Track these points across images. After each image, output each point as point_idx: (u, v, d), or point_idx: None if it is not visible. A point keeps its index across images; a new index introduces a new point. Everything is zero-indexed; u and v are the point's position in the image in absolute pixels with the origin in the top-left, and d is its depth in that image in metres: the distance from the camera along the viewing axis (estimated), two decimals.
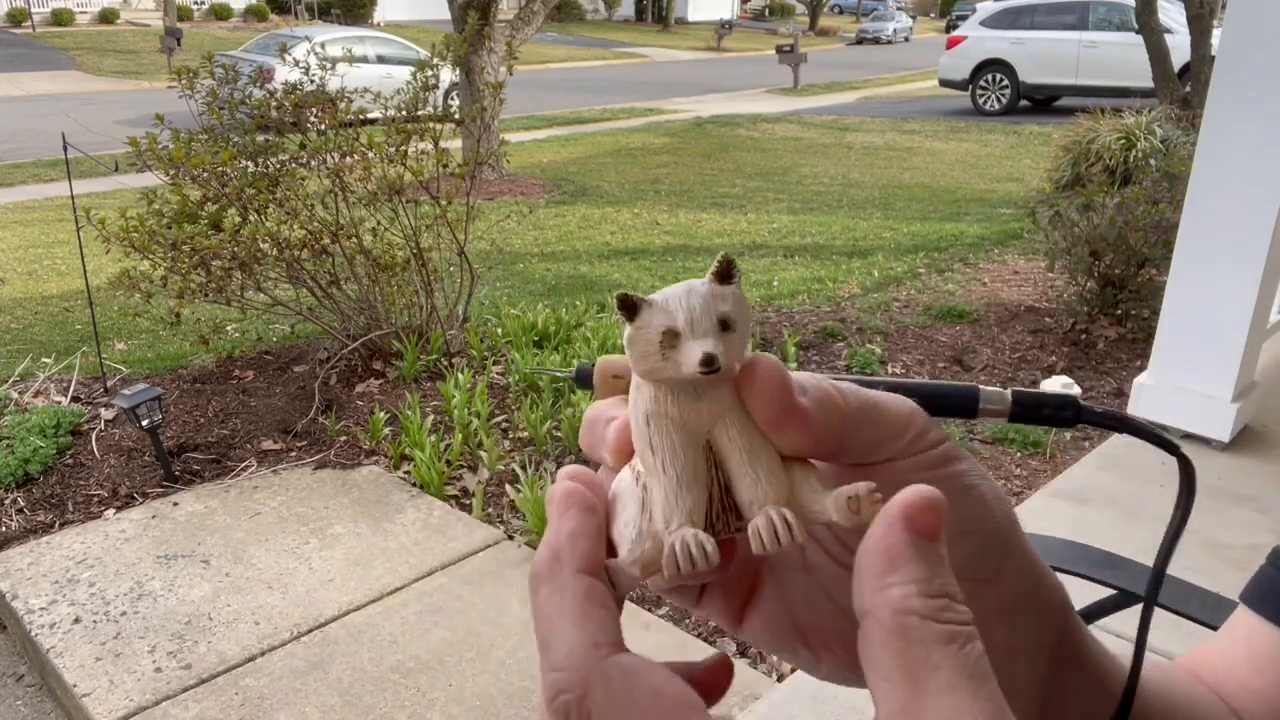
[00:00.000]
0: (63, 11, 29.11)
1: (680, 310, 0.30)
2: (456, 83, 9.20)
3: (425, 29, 23.48)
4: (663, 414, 0.31)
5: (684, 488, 0.31)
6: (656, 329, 0.30)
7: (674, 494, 0.31)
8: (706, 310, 0.30)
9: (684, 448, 0.31)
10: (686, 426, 0.31)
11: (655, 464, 0.31)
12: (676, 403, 0.31)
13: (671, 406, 0.31)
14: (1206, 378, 3.36)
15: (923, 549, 0.27)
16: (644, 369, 0.31)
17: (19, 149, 12.04)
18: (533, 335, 4.75)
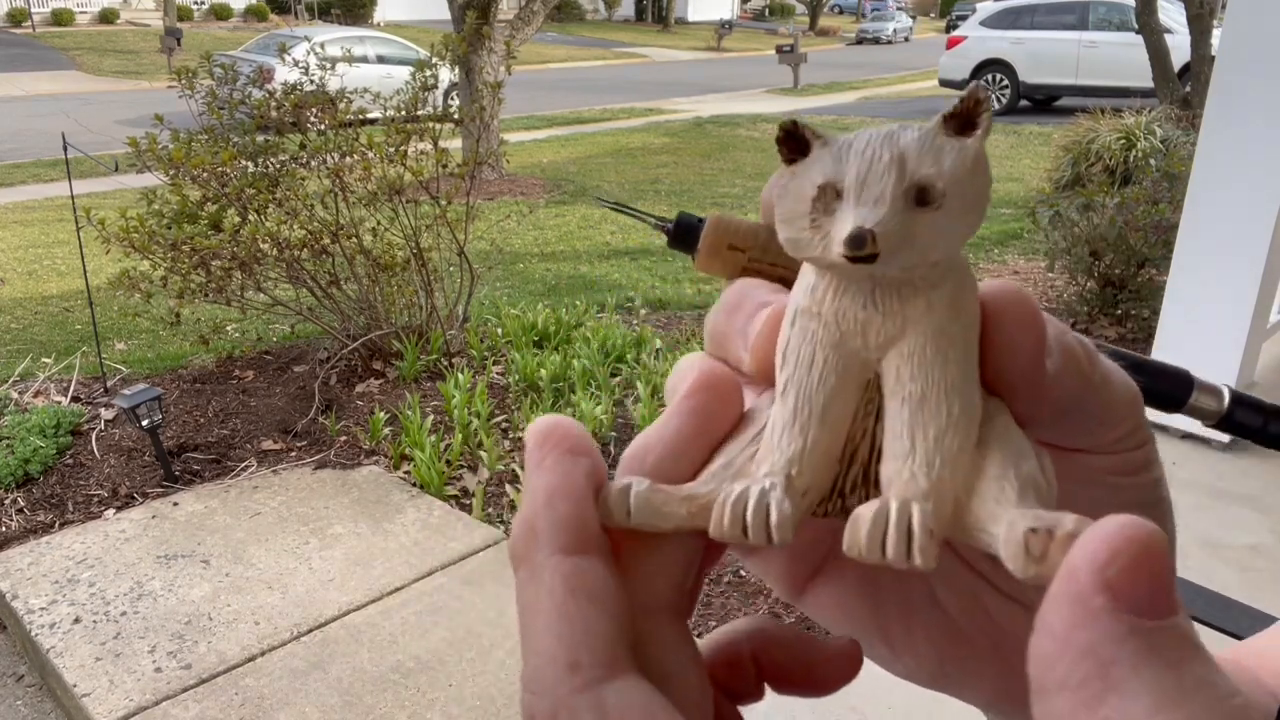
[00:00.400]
0: (63, 11, 29.11)
1: (857, 157, 0.21)
2: (456, 83, 9.20)
3: (425, 29, 23.48)
4: (815, 314, 0.23)
5: (798, 423, 0.22)
6: (813, 180, 0.21)
7: (783, 428, 0.22)
8: (896, 164, 0.21)
9: (828, 370, 0.22)
10: (843, 342, 0.22)
11: (780, 381, 0.23)
12: (839, 303, 0.22)
13: (830, 307, 0.22)
14: (1206, 378, 3.36)
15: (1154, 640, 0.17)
16: (787, 239, 0.22)
17: (19, 149, 12.04)
18: (533, 335, 4.75)
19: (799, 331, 0.23)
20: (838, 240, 0.20)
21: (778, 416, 0.23)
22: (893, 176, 0.20)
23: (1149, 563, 0.17)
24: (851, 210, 0.20)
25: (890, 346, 0.22)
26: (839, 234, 0.20)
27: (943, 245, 0.21)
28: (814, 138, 0.22)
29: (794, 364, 0.23)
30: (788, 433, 0.22)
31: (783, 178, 0.22)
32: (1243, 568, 2.70)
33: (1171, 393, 0.30)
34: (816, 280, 0.22)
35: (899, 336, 0.22)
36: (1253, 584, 2.64)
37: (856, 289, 0.22)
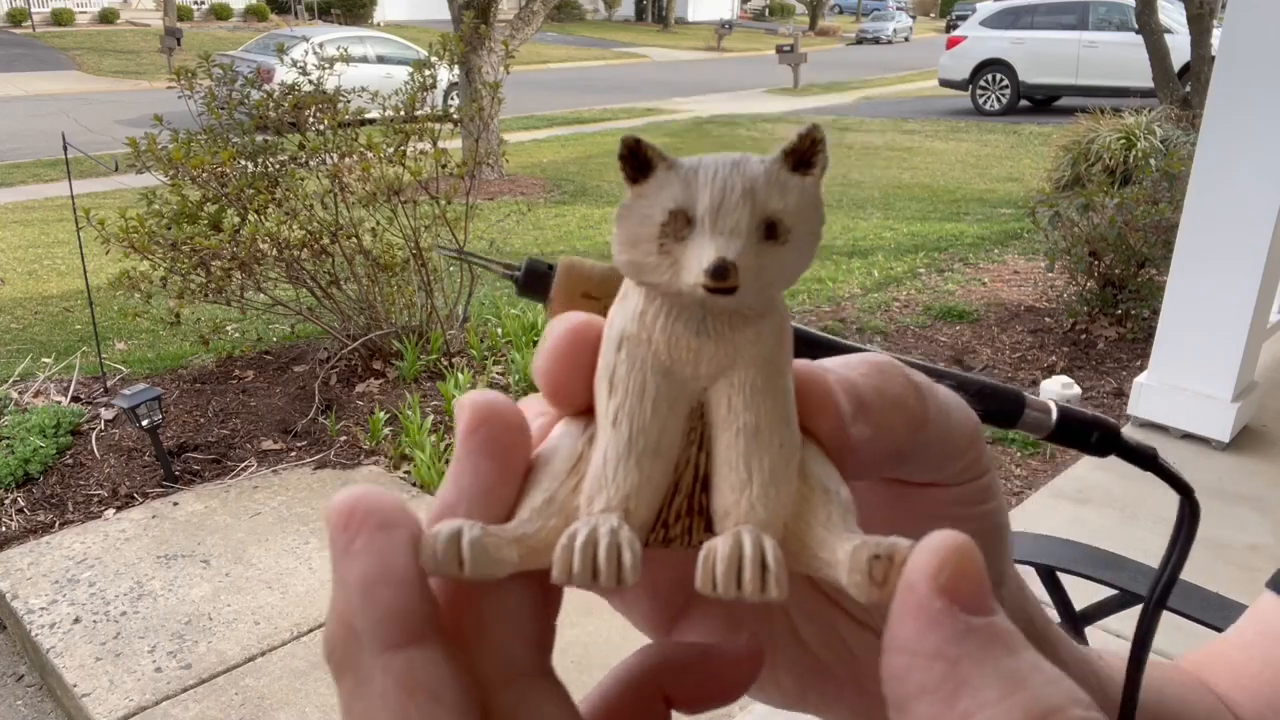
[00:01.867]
0: (63, 11, 29.11)
1: (708, 185, 0.21)
2: (455, 82, 9.20)
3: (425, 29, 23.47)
4: (644, 340, 0.21)
5: (634, 455, 0.21)
6: (662, 205, 0.20)
7: (617, 460, 0.21)
8: (749, 196, 0.20)
9: (658, 399, 0.21)
10: (673, 371, 0.21)
11: (609, 410, 0.21)
12: (669, 330, 0.21)
13: (660, 333, 0.21)
14: (1206, 378, 3.36)
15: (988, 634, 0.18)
16: (628, 260, 0.21)
17: (19, 149, 12.03)
18: (533, 335, 4.75)
19: (627, 358, 0.21)
20: (696, 269, 0.20)
21: (610, 448, 0.21)
22: (747, 209, 0.20)
23: (971, 567, 0.19)
24: (709, 240, 0.20)
25: (720, 375, 0.22)
26: (697, 263, 0.20)
27: (784, 279, 0.21)
28: (659, 159, 0.21)
29: (624, 392, 0.21)
30: (623, 465, 0.21)
31: (628, 197, 0.21)
32: (1243, 568, 2.70)
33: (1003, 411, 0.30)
34: (644, 305, 0.21)
35: (729, 366, 0.21)
36: (1253, 584, 2.64)
37: (689, 316, 0.21)
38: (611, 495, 0.21)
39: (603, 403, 0.22)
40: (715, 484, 0.22)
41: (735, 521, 0.21)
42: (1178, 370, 3.42)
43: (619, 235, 0.21)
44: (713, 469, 0.22)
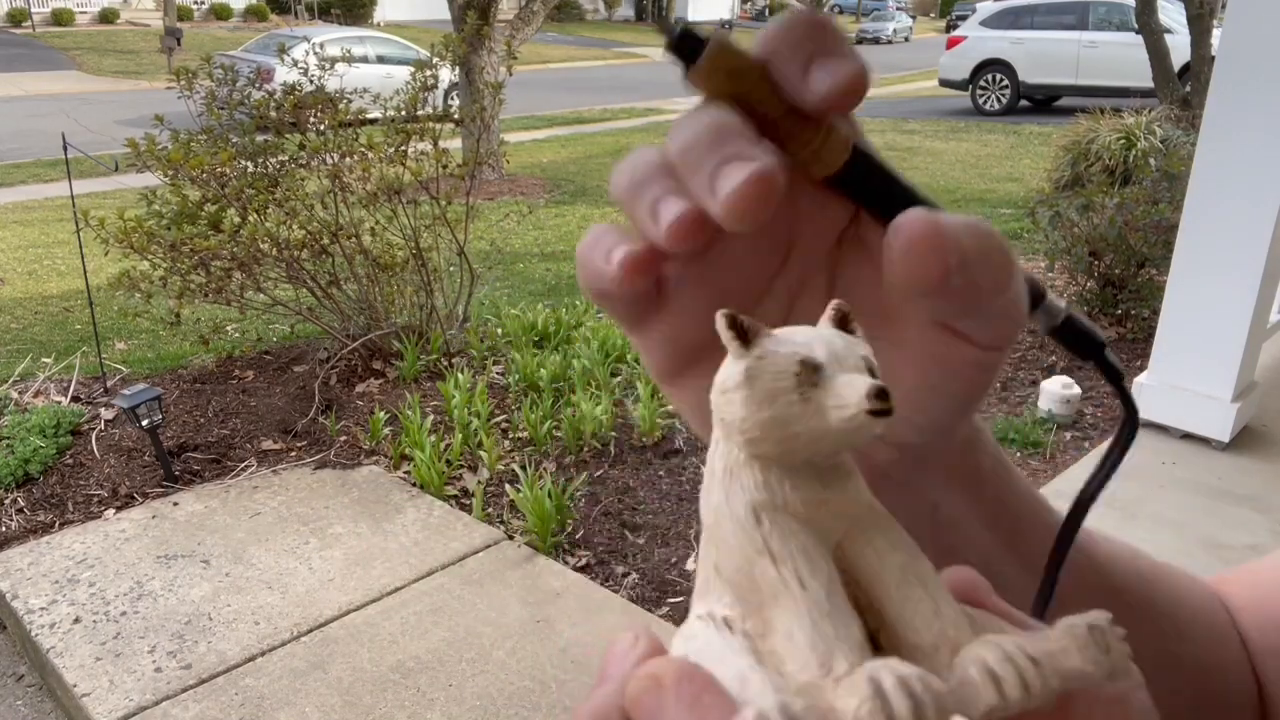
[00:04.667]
0: (63, 11, 29.11)
1: (812, 340, 0.22)
2: (456, 83, 9.20)
3: (425, 29, 23.47)
4: (780, 507, 0.22)
5: (841, 610, 0.20)
6: (787, 359, 0.21)
7: (828, 618, 0.20)
8: (850, 349, 0.22)
9: (820, 556, 0.21)
10: (816, 526, 0.22)
11: (781, 578, 0.21)
12: (800, 489, 0.22)
13: (792, 493, 0.22)
14: (1206, 378, 3.36)
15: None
16: (769, 418, 0.21)
17: (19, 149, 12.03)
18: (533, 335, 4.75)
19: (774, 527, 0.21)
20: (854, 398, 0.20)
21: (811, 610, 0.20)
22: (857, 354, 0.22)
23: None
24: (845, 375, 0.21)
25: (850, 528, 0.22)
26: (853, 393, 0.20)
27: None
28: (755, 327, 0.22)
29: (789, 557, 0.21)
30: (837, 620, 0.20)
31: (748, 360, 0.22)
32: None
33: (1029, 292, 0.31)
34: (763, 474, 0.22)
35: (854, 515, 0.22)
36: None
37: (807, 475, 0.22)
38: (849, 650, 0.20)
39: (771, 576, 0.21)
40: (898, 626, 0.21)
41: (951, 650, 0.20)
42: (1178, 370, 3.42)
43: (750, 396, 0.21)
44: (884, 617, 0.22)
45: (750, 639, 0.21)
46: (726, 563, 0.22)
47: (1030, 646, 0.19)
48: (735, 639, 0.21)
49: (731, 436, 0.22)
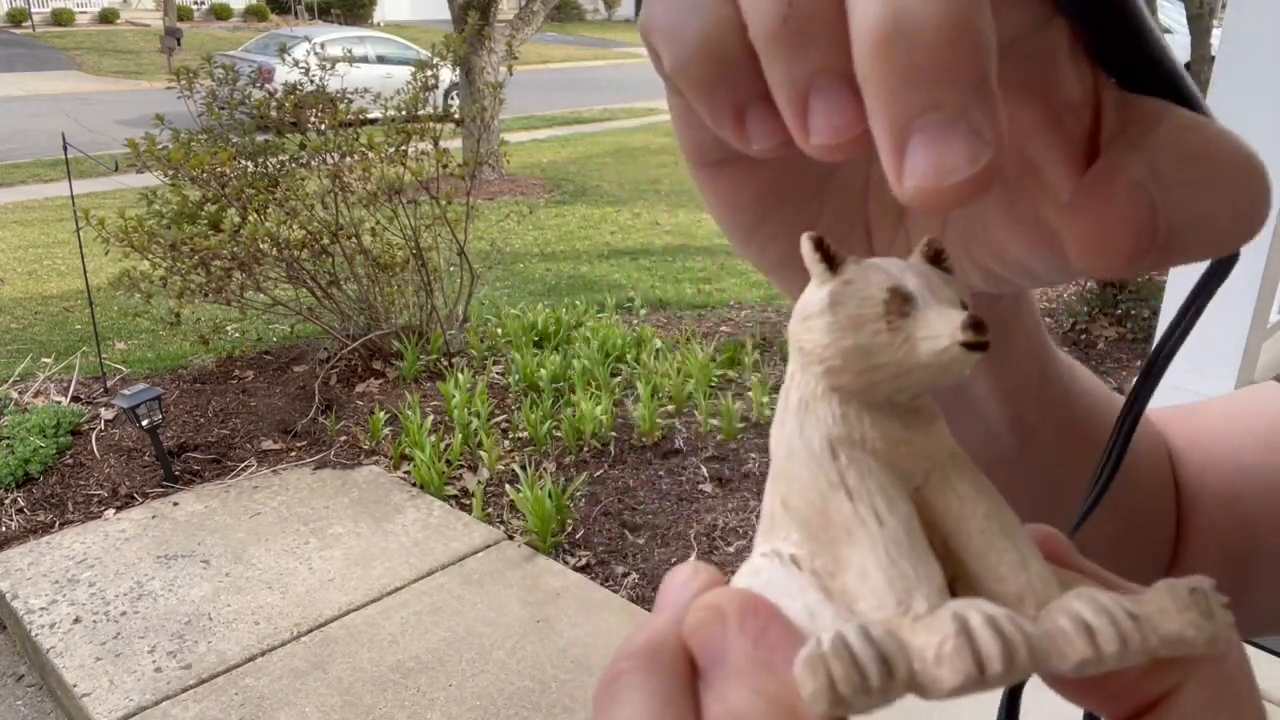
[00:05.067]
0: (63, 11, 29.10)
1: (906, 270, 0.21)
2: (456, 83, 9.20)
3: (425, 29, 23.48)
4: (858, 441, 0.20)
5: (920, 548, 0.19)
6: (877, 285, 0.20)
7: (907, 557, 0.19)
8: (944, 281, 0.21)
9: (900, 495, 0.20)
10: (894, 466, 0.20)
11: (859, 515, 0.19)
12: (881, 426, 0.20)
13: (872, 430, 0.20)
14: (1206, 378, 3.36)
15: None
16: (851, 345, 0.20)
17: (19, 149, 12.03)
18: (533, 335, 4.75)
19: (850, 463, 0.20)
20: (947, 330, 0.19)
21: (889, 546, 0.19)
22: (951, 288, 0.20)
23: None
24: (939, 307, 0.19)
25: (932, 471, 0.21)
26: (945, 325, 0.19)
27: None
28: (842, 251, 0.21)
29: (867, 494, 0.20)
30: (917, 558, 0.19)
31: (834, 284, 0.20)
32: None
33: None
34: (842, 408, 0.20)
35: (936, 460, 0.21)
36: None
37: (887, 413, 0.21)
38: (929, 591, 0.18)
39: (846, 510, 0.19)
40: (981, 577, 0.20)
41: (1037, 603, 0.19)
42: (1178, 370, 3.42)
43: (834, 323, 0.20)
44: (966, 565, 0.20)
45: (820, 576, 0.20)
46: (797, 498, 0.20)
47: (1128, 603, 0.18)
48: (803, 575, 0.20)
49: (810, 366, 0.21)
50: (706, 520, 3.23)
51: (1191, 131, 0.20)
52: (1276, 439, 0.45)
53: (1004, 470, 0.39)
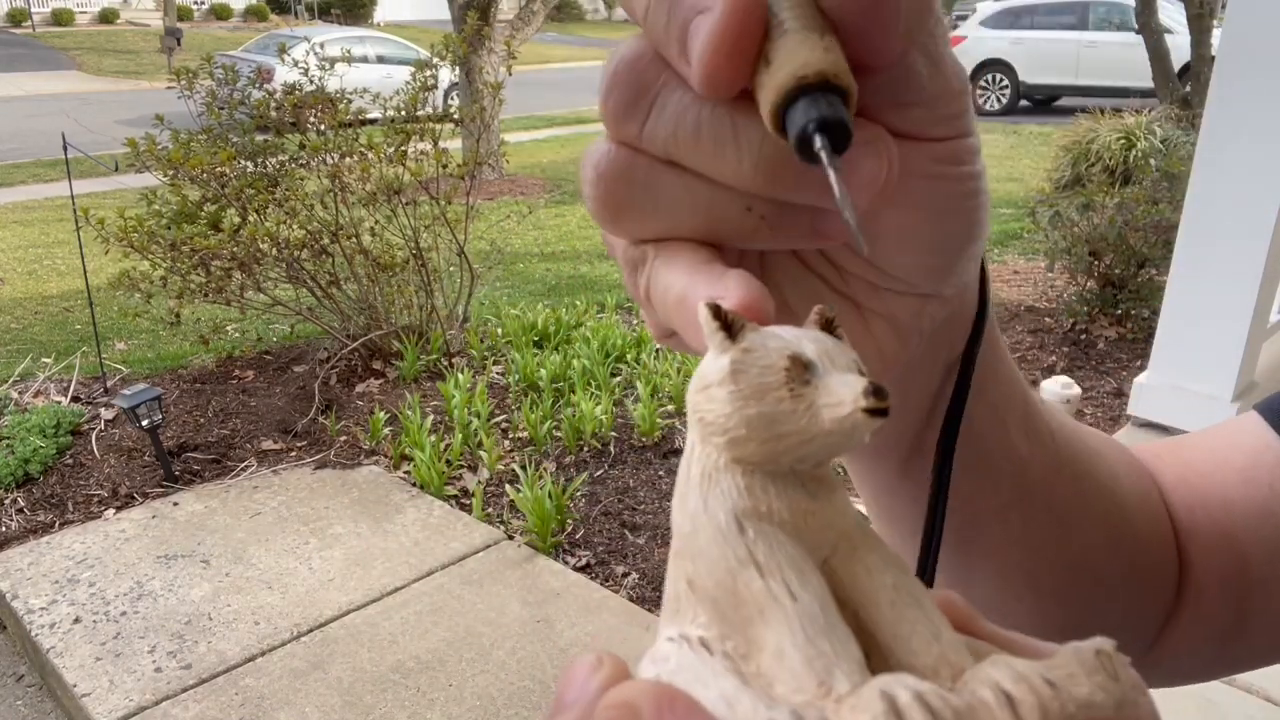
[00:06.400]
0: (63, 11, 29.10)
1: (801, 338, 0.21)
2: (456, 83, 9.20)
3: (425, 29, 23.47)
4: (764, 514, 0.20)
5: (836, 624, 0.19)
6: (777, 353, 0.20)
7: (823, 634, 0.18)
8: (840, 349, 0.21)
9: (810, 568, 0.19)
10: (803, 539, 0.20)
11: (769, 591, 0.19)
12: (785, 498, 0.20)
13: (777, 501, 0.20)
14: (1206, 378, 3.36)
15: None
16: (755, 414, 0.20)
17: (19, 149, 12.03)
18: (533, 335, 4.75)
19: (758, 536, 0.19)
20: (849, 397, 0.19)
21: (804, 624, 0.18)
22: (848, 355, 0.21)
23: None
24: (839, 374, 0.20)
25: (839, 542, 0.21)
26: (847, 392, 0.19)
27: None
28: (739, 321, 0.21)
29: (778, 568, 0.19)
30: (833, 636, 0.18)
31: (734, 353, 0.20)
32: None
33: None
34: (746, 479, 0.20)
35: (841, 530, 0.21)
36: None
37: (792, 483, 0.20)
38: (851, 669, 0.18)
39: (758, 588, 0.19)
40: (892, 649, 0.19)
41: (952, 674, 0.19)
42: (1178, 370, 3.42)
43: (736, 391, 0.20)
44: (879, 633, 0.20)
45: (732, 660, 0.19)
46: (705, 577, 0.20)
47: (1042, 669, 0.18)
48: (715, 660, 0.19)
49: (711, 438, 0.21)
50: None
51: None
52: (1255, 472, 0.46)
53: (1005, 515, 0.40)
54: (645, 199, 0.26)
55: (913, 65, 0.25)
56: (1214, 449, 0.49)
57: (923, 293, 0.31)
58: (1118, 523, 0.44)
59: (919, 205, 0.28)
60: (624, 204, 0.26)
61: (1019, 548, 0.41)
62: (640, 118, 0.25)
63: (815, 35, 0.22)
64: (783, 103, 0.22)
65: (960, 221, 0.29)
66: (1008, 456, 0.39)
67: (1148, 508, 0.47)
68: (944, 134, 0.27)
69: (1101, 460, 0.45)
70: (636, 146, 0.26)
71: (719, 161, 0.25)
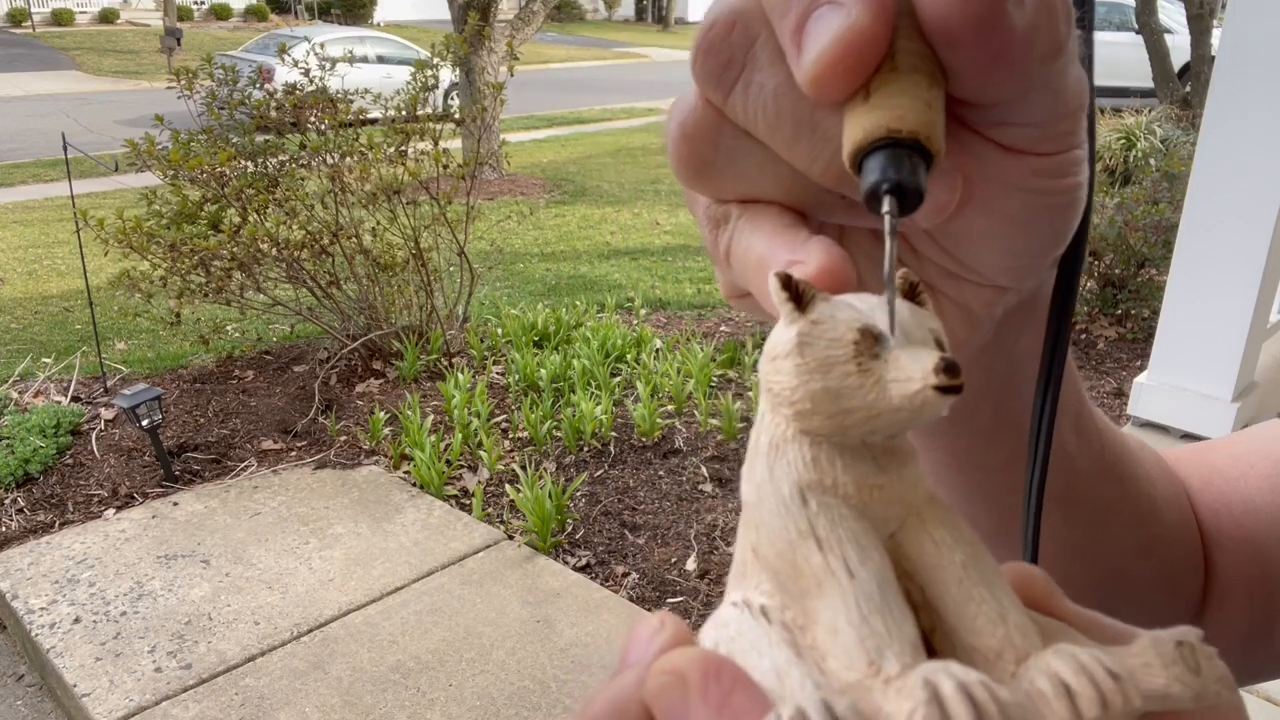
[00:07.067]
0: (63, 11, 29.10)
1: (877, 309, 0.20)
2: (456, 83, 9.20)
3: (425, 29, 23.47)
4: (829, 486, 0.20)
5: (893, 603, 0.18)
6: (847, 326, 0.20)
7: (879, 613, 0.18)
8: (918, 319, 0.20)
9: (872, 542, 0.19)
10: (868, 513, 0.20)
11: (829, 567, 0.19)
12: (852, 472, 0.20)
13: (844, 474, 0.20)
14: (1206, 378, 3.36)
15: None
16: (820, 389, 0.19)
17: (19, 149, 12.03)
18: (533, 335, 4.75)
19: (821, 510, 0.19)
20: (919, 373, 0.18)
21: (859, 601, 0.18)
22: (925, 327, 0.20)
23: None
24: (910, 348, 0.19)
25: (907, 516, 0.20)
26: (917, 368, 0.18)
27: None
28: (811, 290, 0.20)
29: (839, 543, 0.19)
30: (889, 615, 0.18)
31: (802, 324, 0.20)
32: None
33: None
34: (812, 451, 0.20)
35: (911, 504, 0.20)
36: None
37: (861, 456, 0.20)
38: (900, 649, 0.17)
39: (817, 562, 0.19)
40: (957, 628, 0.19)
41: (1017, 658, 0.18)
42: (1178, 370, 3.42)
43: (802, 365, 0.19)
44: (944, 612, 0.19)
45: (790, 630, 0.19)
46: (767, 546, 0.20)
47: (1109, 660, 0.17)
48: (773, 629, 0.19)
49: (779, 409, 0.20)
50: (706, 520, 3.23)
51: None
52: (1279, 479, 0.46)
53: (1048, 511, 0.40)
54: (728, 163, 0.26)
55: (1029, 97, 0.24)
56: (1239, 454, 0.49)
57: (1000, 285, 0.30)
58: (1152, 526, 0.44)
59: (1011, 215, 0.27)
60: (707, 164, 0.26)
61: (1057, 544, 0.41)
62: (727, 87, 0.24)
63: (924, 83, 0.22)
64: (868, 147, 0.22)
65: (1051, 230, 0.28)
66: (1057, 450, 0.38)
67: (1178, 513, 0.47)
68: (1051, 150, 0.26)
69: (1140, 464, 0.44)
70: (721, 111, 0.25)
71: (794, 152, 0.24)
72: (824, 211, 0.27)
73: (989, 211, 0.27)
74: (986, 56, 0.21)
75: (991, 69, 0.22)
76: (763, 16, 0.23)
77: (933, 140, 0.21)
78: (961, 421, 0.37)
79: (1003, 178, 0.26)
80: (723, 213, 0.27)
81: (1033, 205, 0.27)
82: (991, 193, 0.26)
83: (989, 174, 0.26)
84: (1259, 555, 0.46)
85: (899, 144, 0.21)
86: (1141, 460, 0.45)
